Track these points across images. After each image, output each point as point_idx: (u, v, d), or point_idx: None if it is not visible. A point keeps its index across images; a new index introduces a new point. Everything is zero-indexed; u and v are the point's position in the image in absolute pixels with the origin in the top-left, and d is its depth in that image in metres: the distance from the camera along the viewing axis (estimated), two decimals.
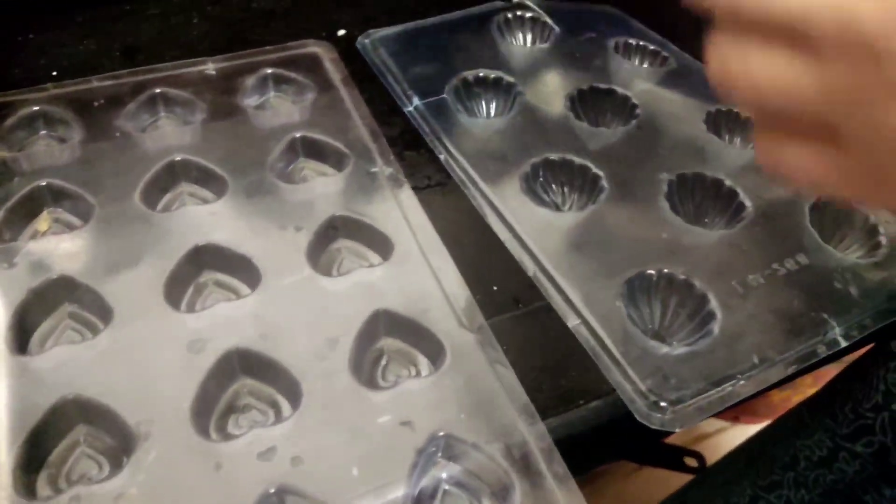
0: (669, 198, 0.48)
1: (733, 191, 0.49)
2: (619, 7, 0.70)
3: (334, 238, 0.45)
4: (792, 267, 0.45)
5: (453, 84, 0.57)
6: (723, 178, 0.50)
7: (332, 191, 0.47)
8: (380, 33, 0.62)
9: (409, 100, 0.55)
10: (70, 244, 0.42)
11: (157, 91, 0.53)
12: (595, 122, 0.56)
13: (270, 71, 0.56)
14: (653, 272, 0.43)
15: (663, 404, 0.37)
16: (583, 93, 0.57)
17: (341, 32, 0.64)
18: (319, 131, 0.51)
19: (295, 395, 0.36)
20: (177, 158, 0.47)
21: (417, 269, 0.43)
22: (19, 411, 0.34)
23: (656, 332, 0.42)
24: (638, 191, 0.49)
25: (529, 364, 0.39)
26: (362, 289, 0.41)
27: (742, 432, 1.16)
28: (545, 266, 0.43)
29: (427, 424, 0.35)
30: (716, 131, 0.55)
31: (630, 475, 1.08)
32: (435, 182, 0.50)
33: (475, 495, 0.34)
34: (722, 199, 0.50)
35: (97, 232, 0.43)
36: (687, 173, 0.50)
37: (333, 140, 0.51)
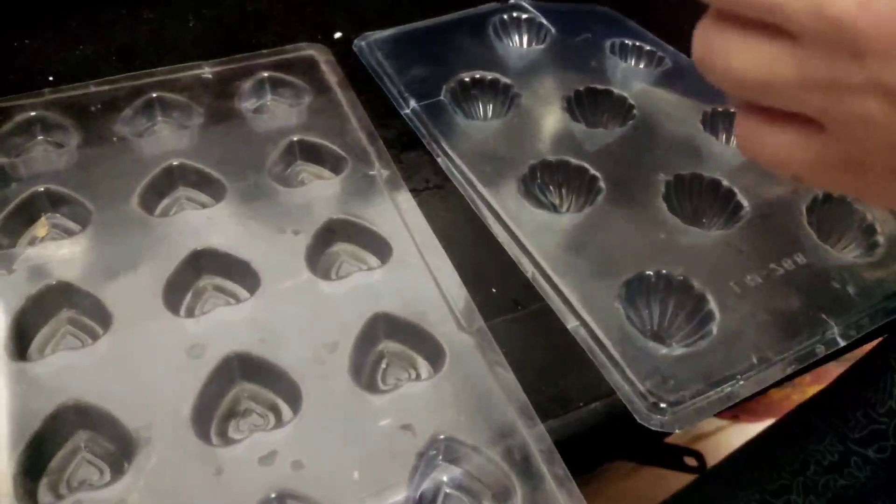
0: (667, 198, 0.48)
1: (731, 191, 0.49)
2: (614, 7, 0.70)
3: (332, 241, 0.45)
4: (790, 267, 0.45)
5: (450, 86, 0.57)
6: (720, 179, 0.50)
7: (330, 194, 0.47)
8: (376, 36, 0.62)
9: (406, 102, 0.55)
10: (68, 250, 0.42)
11: (154, 95, 0.53)
12: (592, 123, 0.57)
13: (267, 74, 0.56)
14: (651, 273, 0.43)
15: (663, 405, 0.37)
16: (579, 94, 0.58)
17: (337, 35, 0.64)
18: (316, 134, 0.51)
19: (295, 399, 0.36)
20: (174, 163, 0.47)
21: (416, 272, 0.43)
22: (19, 418, 0.34)
23: (655, 333, 0.43)
24: (635, 191, 0.49)
25: (528, 366, 0.39)
26: (361, 292, 0.41)
27: (741, 431, 1.16)
28: (544, 268, 0.44)
29: (427, 427, 0.35)
30: (713, 131, 0.55)
31: (629, 474, 1.08)
32: (433, 184, 0.50)
33: (476, 498, 0.34)
34: (719, 200, 0.50)
35: (95, 237, 0.43)
36: (684, 174, 0.50)
37: (331, 143, 0.51)
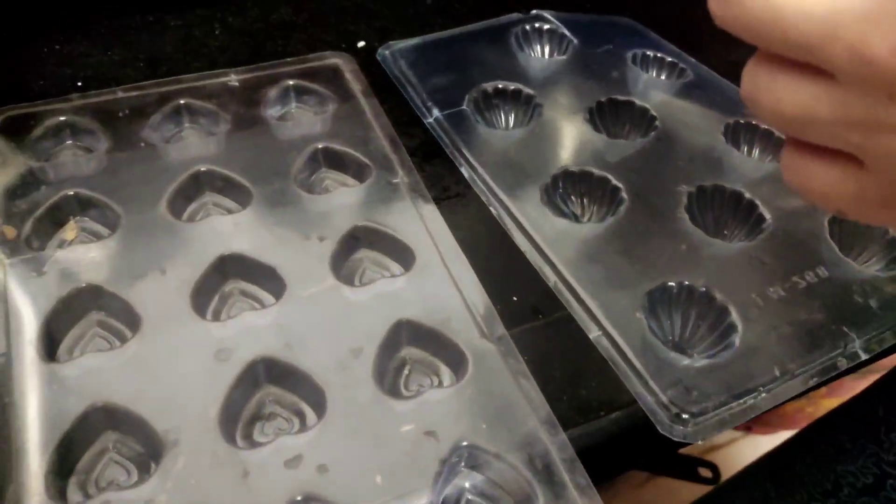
0: (689, 209, 0.49)
1: (753, 203, 0.49)
2: (635, 19, 0.70)
3: (356, 248, 0.46)
4: (812, 280, 0.45)
5: (472, 95, 0.57)
6: (742, 190, 0.50)
7: (355, 201, 0.48)
8: (399, 45, 0.63)
9: (429, 111, 0.56)
10: (97, 253, 0.43)
11: (182, 102, 0.53)
12: (614, 134, 0.57)
13: (292, 82, 0.57)
14: (673, 284, 0.43)
15: (685, 416, 0.37)
16: (601, 104, 0.58)
17: (361, 44, 0.64)
18: (341, 142, 0.52)
19: (319, 404, 0.37)
20: (202, 169, 0.48)
21: (438, 280, 0.43)
22: (50, 418, 0.35)
23: (677, 344, 0.43)
24: (657, 202, 0.49)
25: (550, 374, 0.40)
26: (385, 299, 0.42)
27: (754, 442, 1.16)
28: (566, 277, 0.44)
29: (450, 434, 0.36)
30: (734, 143, 0.56)
31: (642, 484, 1.08)
32: (455, 193, 0.51)
33: None
34: (741, 211, 0.50)
35: (124, 241, 0.44)
36: (706, 185, 0.50)
37: (354, 151, 0.51)
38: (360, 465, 0.34)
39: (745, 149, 0.56)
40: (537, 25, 0.66)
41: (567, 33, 0.66)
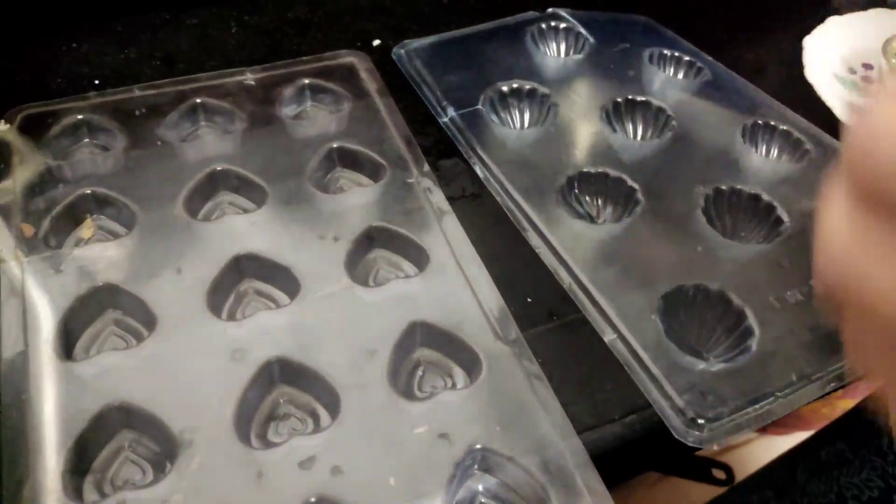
0: (706, 211, 0.48)
1: (771, 205, 0.49)
2: (652, 17, 0.70)
3: (371, 248, 0.46)
4: None
5: (487, 95, 0.57)
6: (760, 193, 0.49)
7: (369, 201, 0.48)
8: (415, 44, 0.63)
9: (444, 110, 0.56)
10: (114, 251, 0.43)
11: (198, 101, 0.54)
12: (630, 134, 0.57)
13: (307, 81, 0.57)
14: (689, 287, 0.43)
15: (700, 421, 0.37)
16: (617, 104, 0.57)
17: (376, 42, 0.64)
18: (356, 141, 0.52)
19: (333, 405, 0.37)
20: (218, 168, 0.48)
21: (453, 281, 0.43)
22: (66, 417, 0.35)
23: (693, 348, 0.42)
24: (674, 204, 0.49)
25: (564, 377, 0.39)
26: (399, 300, 0.42)
27: (769, 443, 1.15)
28: (580, 279, 0.44)
29: (463, 436, 0.35)
30: (752, 144, 0.55)
31: (655, 485, 1.07)
32: (469, 193, 0.51)
33: None
34: (759, 214, 0.49)
35: (140, 240, 0.44)
36: (723, 187, 0.50)
37: (369, 150, 0.51)
38: (374, 467, 0.34)
39: (763, 150, 0.56)
40: (553, 24, 0.66)
41: (583, 32, 0.65)
